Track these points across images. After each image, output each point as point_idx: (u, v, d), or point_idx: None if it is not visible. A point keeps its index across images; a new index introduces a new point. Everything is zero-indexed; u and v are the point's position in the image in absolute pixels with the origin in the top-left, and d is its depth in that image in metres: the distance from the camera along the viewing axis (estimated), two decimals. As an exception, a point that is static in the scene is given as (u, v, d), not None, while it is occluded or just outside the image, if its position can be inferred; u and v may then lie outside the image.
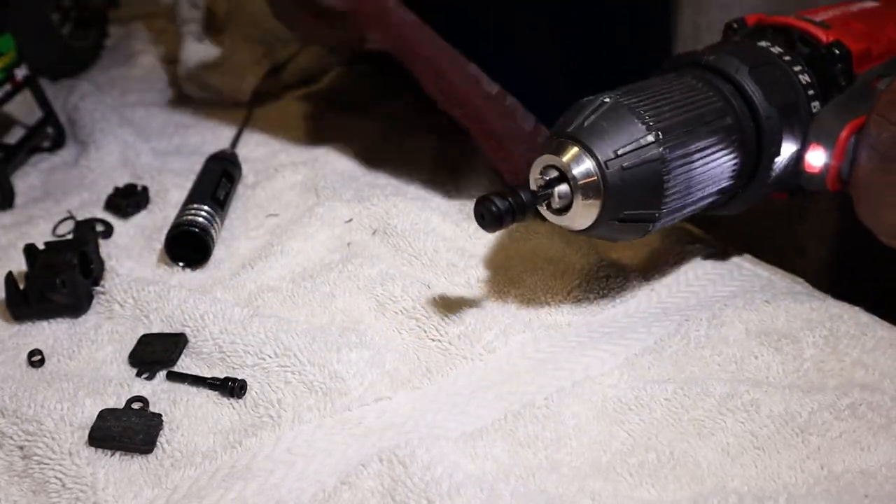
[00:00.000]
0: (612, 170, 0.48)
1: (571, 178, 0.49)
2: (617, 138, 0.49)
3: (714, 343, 0.54)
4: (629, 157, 0.49)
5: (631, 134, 0.49)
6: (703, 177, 0.52)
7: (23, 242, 0.62)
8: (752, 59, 0.54)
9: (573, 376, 0.52)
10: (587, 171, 0.49)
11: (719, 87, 0.53)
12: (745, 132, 0.53)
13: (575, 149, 0.49)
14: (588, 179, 0.49)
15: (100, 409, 0.49)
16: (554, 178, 0.50)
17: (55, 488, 0.46)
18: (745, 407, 0.48)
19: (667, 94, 0.52)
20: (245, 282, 0.63)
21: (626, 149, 0.49)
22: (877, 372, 0.51)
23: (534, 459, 0.47)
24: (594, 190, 0.49)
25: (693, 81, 0.54)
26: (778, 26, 0.57)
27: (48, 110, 0.88)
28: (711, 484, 0.45)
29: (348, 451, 0.48)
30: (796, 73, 0.55)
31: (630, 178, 0.49)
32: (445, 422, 0.50)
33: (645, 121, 0.49)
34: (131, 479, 0.47)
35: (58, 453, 0.47)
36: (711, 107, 0.52)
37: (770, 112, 0.53)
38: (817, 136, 0.54)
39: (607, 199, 0.49)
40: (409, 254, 0.64)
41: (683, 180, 0.50)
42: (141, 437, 0.48)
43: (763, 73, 0.53)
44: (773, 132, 0.53)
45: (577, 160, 0.49)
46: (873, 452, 0.46)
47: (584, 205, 0.49)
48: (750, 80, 0.53)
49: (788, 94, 0.54)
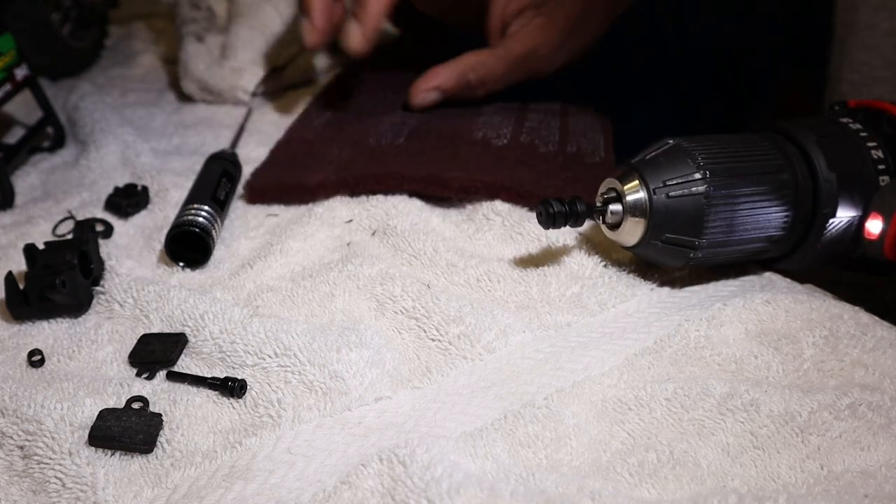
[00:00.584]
0: (659, 196, 0.56)
1: (625, 200, 0.57)
2: (668, 172, 0.56)
3: (714, 343, 0.54)
4: (675, 189, 0.56)
5: (681, 170, 0.56)
6: (748, 220, 0.57)
7: (23, 242, 0.62)
8: (824, 128, 0.59)
9: (573, 376, 0.52)
10: (638, 195, 0.57)
11: (783, 147, 0.58)
12: (801, 190, 0.57)
13: (634, 176, 0.57)
14: (637, 202, 0.57)
15: (100, 409, 0.49)
16: (611, 197, 0.58)
17: (55, 488, 0.46)
18: (744, 407, 0.48)
19: (727, 144, 0.58)
20: (245, 281, 0.63)
21: (674, 181, 0.56)
22: (877, 372, 0.51)
23: (534, 459, 0.47)
24: (641, 211, 0.57)
25: (759, 139, 0.59)
26: (870, 108, 0.62)
27: (48, 110, 0.88)
28: (711, 484, 0.45)
29: (348, 450, 0.48)
30: (869, 148, 0.59)
31: (674, 206, 0.56)
32: (445, 421, 0.50)
33: (696, 161, 0.56)
34: (131, 478, 0.47)
35: (58, 453, 0.47)
36: (768, 161, 0.57)
37: (829, 176, 0.57)
38: (878, 207, 0.57)
39: (652, 220, 0.56)
40: (409, 254, 0.64)
41: (726, 218, 0.56)
42: (141, 437, 0.48)
43: (830, 141, 0.58)
44: (829, 193, 0.57)
45: (633, 186, 0.57)
46: (873, 452, 0.46)
47: (633, 223, 0.57)
48: (815, 144, 0.57)
49: (853, 163, 0.58)
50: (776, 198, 0.57)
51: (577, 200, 0.58)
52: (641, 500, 0.44)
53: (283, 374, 0.53)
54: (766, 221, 0.57)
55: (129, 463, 0.48)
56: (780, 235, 0.58)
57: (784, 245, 0.59)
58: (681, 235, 0.56)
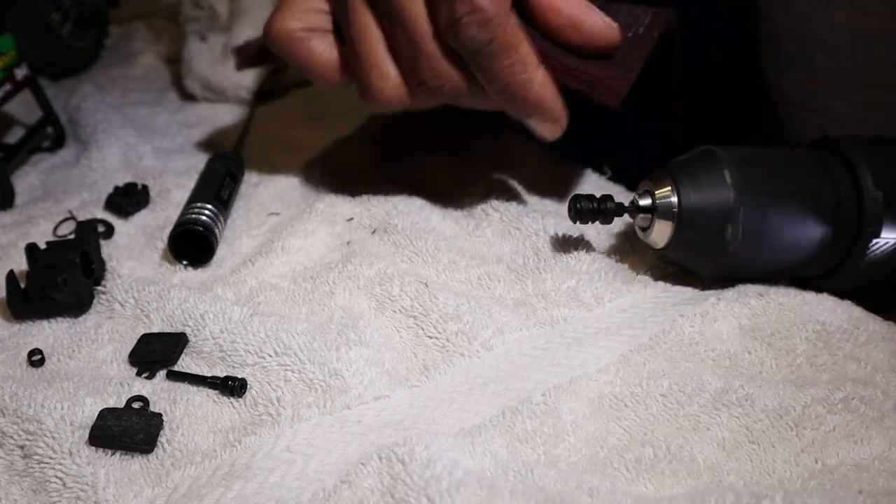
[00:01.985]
0: (687, 203, 0.56)
1: (655, 202, 0.57)
2: (701, 181, 0.56)
3: (708, 339, 0.54)
4: (705, 198, 0.55)
5: (713, 180, 0.55)
6: (780, 234, 0.55)
7: (23, 242, 0.62)
8: (877, 145, 0.57)
9: (570, 373, 0.53)
10: (669, 199, 0.56)
11: (829, 164, 0.57)
12: (845, 208, 0.55)
13: (667, 180, 0.57)
14: (667, 205, 0.57)
15: (100, 409, 0.50)
16: (644, 201, 0.58)
17: (55, 488, 0.46)
18: (739, 402, 0.48)
19: (767, 157, 0.57)
20: (245, 278, 0.63)
21: (705, 191, 0.55)
22: (869, 366, 0.51)
23: (532, 455, 0.47)
24: (670, 214, 0.57)
25: (801, 152, 0.58)
26: None
27: (48, 110, 0.89)
28: (708, 479, 0.45)
29: (348, 448, 0.48)
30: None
31: (701, 215, 0.55)
32: (444, 419, 0.50)
33: (729, 169, 0.55)
34: (132, 478, 0.47)
35: (58, 453, 0.47)
36: (807, 174, 0.56)
37: (875, 194, 0.55)
38: None
39: (679, 224, 0.56)
40: (410, 251, 0.64)
41: (755, 232, 0.55)
42: (141, 437, 0.48)
43: (881, 159, 0.56)
44: (874, 212, 0.55)
45: (665, 190, 0.57)
46: (866, 445, 0.46)
47: (661, 225, 0.57)
48: (863, 161, 0.56)
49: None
50: (813, 213, 0.55)
51: (608, 199, 0.59)
52: (639, 496, 0.44)
53: (282, 372, 0.53)
54: (800, 237, 0.56)
55: (129, 462, 0.48)
56: (816, 252, 0.56)
57: (825, 263, 0.57)
58: (707, 246, 0.56)
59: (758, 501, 0.42)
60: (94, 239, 0.64)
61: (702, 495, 0.43)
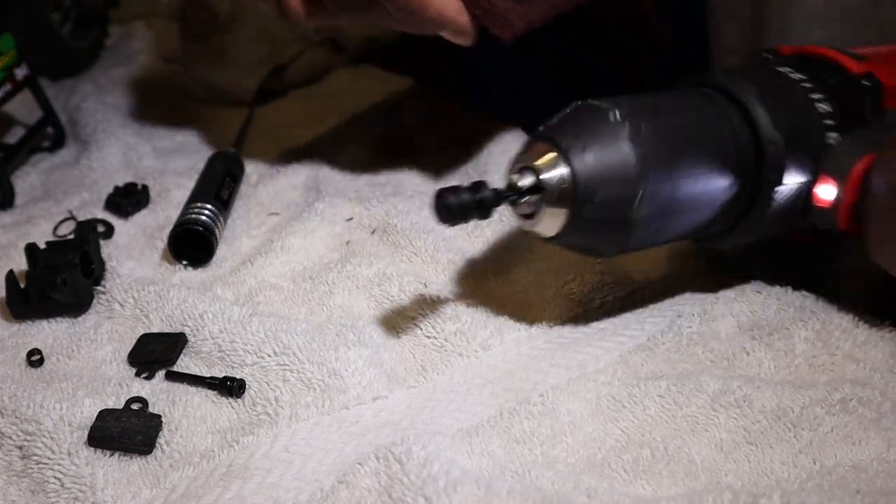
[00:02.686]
0: (583, 172, 0.46)
1: (543, 182, 0.47)
2: (596, 149, 0.46)
3: (706, 339, 0.54)
4: (603, 163, 0.46)
5: (606, 139, 0.47)
6: (689, 199, 0.49)
7: (23, 242, 0.62)
8: (765, 81, 0.52)
9: (568, 373, 0.53)
10: (560, 176, 0.47)
11: (723, 109, 0.51)
12: (746, 157, 0.50)
13: (551, 152, 0.47)
14: (559, 185, 0.47)
15: (99, 409, 0.50)
16: (525, 180, 0.48)
17: (54, 488, 0.46)
18: (737, 403, 0.48)
19: (662, 109, 0.50)
20: (245, 278, 0.63)
21: (600, 154, 0.46)
22: (867, 366, 0.51)
23: (529, 456, 0.47)
24: (565, 197, 0.47)
25: (696, 100, 0.51)
26: (807, 55, 0.55)
27: (48, 110, 0.89)
28: (705, 479, 0.45)
29: (345, 449, 0.48)
30: (814, 100, 0.52)
31: (603, 191, 0.46)
32: (442, 419, 0.50)
33: (630, 135, 0.47)
34: (130, 479, 0.47)
35: (57, 453, 0.47)
36: (709, 127, 0.50)
37: (775, 137, 0.49)
38: (830, 169, 0.51)
39: (577, 207, 0.47)
40: (409, 251, 0.64)
41: (664, 195, 0.48)
42: (140, 438, 0.48)
43: (773, 97, 0.51)
44: (775, 158, 0.50)
45: (552, 164, 0.47)
46: (864, 447, 0.46)
47: (552, 212, 0.47)
48: (757, 102, 0.50)
49: (800, 121, 0.51)
50: (718, 165, 0.49)
51: (481, 187, 0.47)
52: (637, 497, 0.44)
53: (281, 372, 0.53)
54: (709, 199, 0.49)
55: (127, 463, 0.48)
56: (722, 208, 0.50)
57: (728, 218, 0.51)
58: (611, 225, 0.48)
59: (755, 500, 0.42)
60: (93, 239, 0.64)
61: (699, 495, 0.43)
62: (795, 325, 0.54)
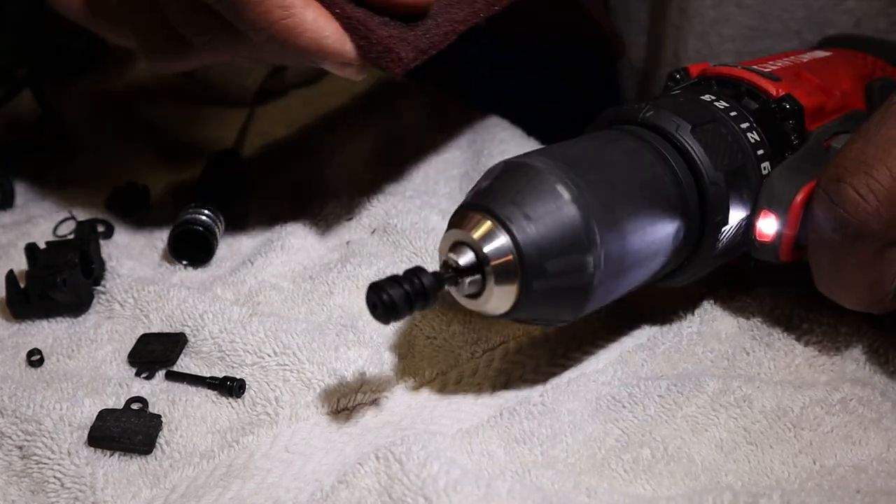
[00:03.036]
0: (530, 249, 0.42)
1: (481, 255, 0.43)
2: (538, 213, 0.43)
3: (706, 340, 0.54)
4: (551, 236, 0.43)
5: (554, 209, 0.43)
6: (640, 253, 0.46)
7: (23, 242, 0.62)
8: (695, 116, 0.49)
9: (568, 373, 0.53)
10: (502, 248, 0.43)
11: (659, 149, 0.48)
12: (689, 199, 0.48)
13: (487, 222, 0.43)
14: (503, 258, 0.43)
15: (99, 409, 0.50)
16: (464, 258, 0.44)
17: (54, 488, 0.46)
18: (737, 403, 0.48)
19: (599, 160, 0.47)
20: (245, 278, 0.63)
21: (548, 226, 0.43)
22: (867, 367, 0.51)
23: (529, 456, 0.47)
24: (510, 271, 0.43)
25: (629, 143, 0.48)
26: (723, 78, 0.53)
27: (48, 110, 0.89)
28: (705, 480, 0.45)
29: (346, 449, 0.48)
30: (743, 130, 0.50)
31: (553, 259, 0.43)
32: (441, 419, 0.50)
33: (572, 195, 0.43)
34: (130, 479, 0.47)
35: (57, 453, 0.47)
36: (649, 174, 0.47)
37: (716, 177, 0.48)
38: (769, 202, 0.49)
39: (526, 280, 0.43)
40: (410, 251, 0.64)
41: (616, 262, 0.45)
42: (140, 438, 0.48)
43: (707, 133, 0.49)
44: (719, 199, 0.48)
45: (490, 236, 0.43)
46: (864, 447, 0.46)
47: (500, 289, 0.43)
48: (693, 140, 0.48)
49: (736, 156, 0.49)
50: (666, 217, 0.47)
51: (419, 273, 0.43)
52: (636, 497, 0.44)
53: (281, 372, 0.53)
54: (659, 248, 0.47)
55: (127, 463, 0.48)
56: (672, 253, 0.49)
57: (676, 260, 0.50)
58: (566, 294, 0.44)
59: (755, 500, 0.42)
60: (93, 239, 0.64)
61: (699, 495, 0.43)
62: (795, 326, 0.54)
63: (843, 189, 0.44)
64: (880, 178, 0.44)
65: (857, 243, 0.45)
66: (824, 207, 0.46)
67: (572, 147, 0.48)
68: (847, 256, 0.46)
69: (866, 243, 0.45)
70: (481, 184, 0.45)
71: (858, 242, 0.45)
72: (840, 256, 0.46)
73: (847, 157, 0.45)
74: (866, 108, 0.58)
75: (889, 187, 0.44)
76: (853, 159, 0.45)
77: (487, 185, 0.45)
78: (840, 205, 0.45)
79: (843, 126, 0.53)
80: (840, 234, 0.45)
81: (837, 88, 0.56)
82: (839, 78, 0.57)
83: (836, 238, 0.46)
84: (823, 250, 0.47)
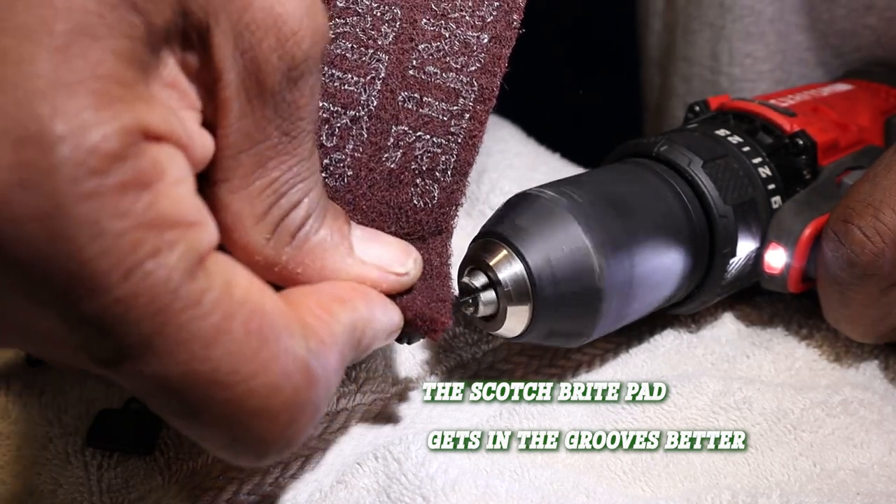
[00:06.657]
0: (543, 276, 0.44)
1: (499, 283, 0.45)
2: (551, 242, 0.45)
3: (707, 342, 0.54)
4: (563, 265, 0.45)
5: (567, 238, 0.45)
6: (648, 283, 0.48)
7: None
8: (707, 150, 0.51)
9: (568, 374, 0.53)
10: (515, 273, 0.45)
11: (671, 183, 0.50)
12: (698, 232, 0.50)
13: (503, 251, 0.45)
14: (516, 282, 0.45)
15: (99, 409, 0.50)
16: (478, 280, 0.46)
17: (52, 489, 0.46)
18: (737, 405, 0.48)
19: (611, 192, 0.48)
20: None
21: (561, 254, 0.45)
22: (868, 370, 0.51)
23: (528, 456, 0.47)
24: (523, 295, 0.45)
25: (643, 175, 0.51)
26: (740, 112, 0.55)
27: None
28: (704, 482, 0.45)
29: (345, 448, 0.48)
30: (755, 165, 0.52)
31: (564, 286, 0.45)
32: (441, 419, 0.50)
33: (583, 225, 0.45)
34: (129, 480, 0.47)
35: (55, 454, 0.47)
36: (660, 206, 0.49)
37: (725, 210, 0.50)
38: (777, 236, 0.51)
39: (538, 305, 0.45)
40: (410, 252, 0.64)
41: (624, 288, 0.47)
42: (140, 439, 0.48)
43: (718, 168, 0.51)
44: (727, 232, 0.50)
45: (505, 262, 0.45)
46: (865, 450, 0.46)
47: (514, 310, 0.45)
48: (704, 174, 0.50)
49: (746, 191, 0.51)
50: (675, 249, 0.49)
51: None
52: (635, 498, 0.44)
53: (281, 372, 0.53)
54: (667, 279, 0.49)
55: (127, 464, 0.48)
56: (681, 283, 0.50)
57: (685, 289, 0.52)
58: (576, 318, 0.46)
59: (755, 500, 0.42)
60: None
61: (698, 497, 0.43)
62: (795, 331, 0.54)
63: (850, 230, 0.47)
64: (887, 221, 0.46)
65: (864, 282, 0.47)
66: (833, 246, 0.48)
67: (587, 179, 0.50)
68: (854, 293, 0.48)
69: (873, 282, 0.47)
70: (496, 214, 0.48)
71: (865, 281, 0.47)
72: (847, 293, 0.48)
73: (855, 199, 0.47)
74: (884, 143, 0.59)
75: (895, 229, 0.46)
76: (861, 201, 0.47)
77: (501, 214, 0.47)
78: (848, 245, 0.47)
79: (858, 161, 0.55)
80: (847, 272, 0.47)
81: (854, 124, 0.57)
82: (857, 113, 0.59)
83: (843, 276, 0.48)
84: (832, 286, 0.49)
